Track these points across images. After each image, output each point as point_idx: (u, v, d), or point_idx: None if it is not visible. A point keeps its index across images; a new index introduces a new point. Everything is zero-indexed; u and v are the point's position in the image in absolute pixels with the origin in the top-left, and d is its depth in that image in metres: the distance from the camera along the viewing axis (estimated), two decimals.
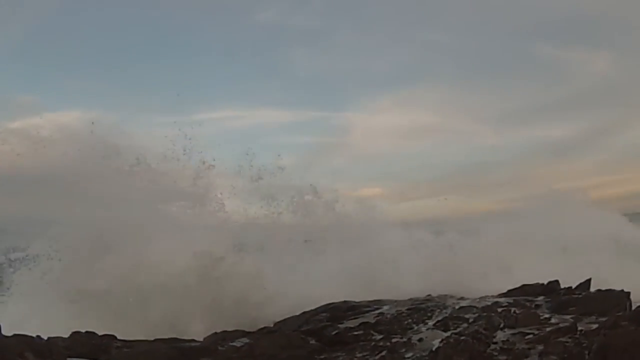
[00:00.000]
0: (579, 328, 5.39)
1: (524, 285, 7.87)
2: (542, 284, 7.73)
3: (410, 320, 6.52)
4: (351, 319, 6.75)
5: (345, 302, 7.62)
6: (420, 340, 5.60)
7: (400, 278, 9.43)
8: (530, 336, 5.34)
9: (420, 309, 7.06)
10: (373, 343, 5.60)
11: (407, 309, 7.10)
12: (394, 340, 5.63)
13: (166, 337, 6.01)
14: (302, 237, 12.26)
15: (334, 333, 6.01)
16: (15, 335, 4.99)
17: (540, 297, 7.27)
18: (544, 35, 65.31)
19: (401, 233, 12.33)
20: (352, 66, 71.36)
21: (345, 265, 10.12)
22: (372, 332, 6.01)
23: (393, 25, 72.06)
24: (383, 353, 5.29)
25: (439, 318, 6.51)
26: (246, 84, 72.95)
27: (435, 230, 13.28)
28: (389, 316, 6.79)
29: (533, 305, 6.90)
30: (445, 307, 7.08)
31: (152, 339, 5.98)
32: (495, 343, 5.26)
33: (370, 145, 77.17)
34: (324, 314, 6.96)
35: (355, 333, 5.97)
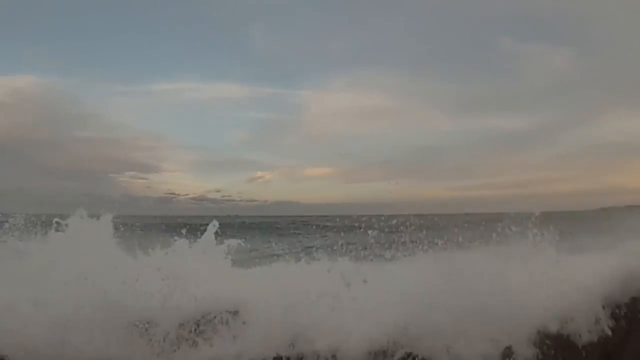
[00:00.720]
0: None
1: None
2: None
3: None
4: None
5: None
6: None
7: None
8: None
9: None
10: None
11: None
12: None
13: None
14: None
15: None
16: None
17: None
18: (505, 28, 65.69)
19: None
20: (310, 44, 70.19)
21: None
22: None
23: (354, 5, 71.35)
24: None
25: None
26: (203, 56, 70.66)
27: None
28: None
29: None
30: None
31: None
32: None
33: (324, 124, 76.97)
34: None
35: None
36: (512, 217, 5.89)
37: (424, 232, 6.20)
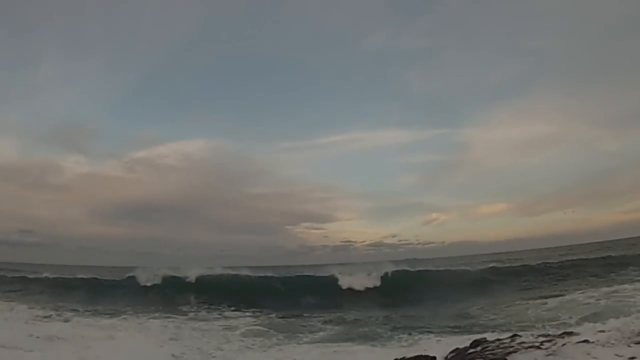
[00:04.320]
0: None
1: None
2: None
3: None
4: None
5: None
6: None
7: None
8: None
9: None
10: None
11: None
12: None
13: None
14: None
15: None
16: None
17: None
18: None
19: None
20: (464, 82, 70.74)
21: None
22: None
23: (499, 36, 70.18)
24: None
25: None
26: (364, 107, 75.24)
27: None
28: None
29: None
30: None
31: None
32: None
33: (490, 159, 74.45)
34: None
35: None
36: None
37: None
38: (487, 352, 7.24)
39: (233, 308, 17.74)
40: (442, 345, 8.76)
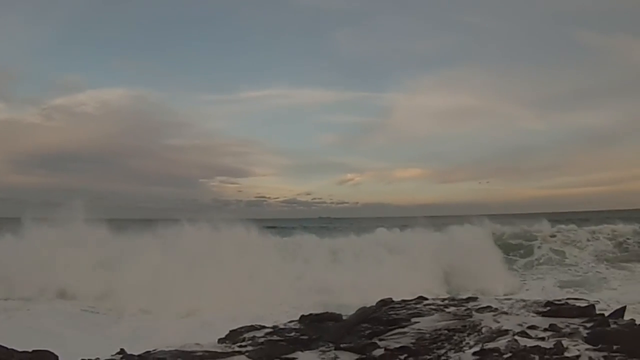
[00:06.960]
0: None
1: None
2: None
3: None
4: None
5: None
6: None
7: None
8: None
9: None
10: None
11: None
12: None
13: None
14: None
15: None
16: None
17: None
18: (587, 22, 63.53)
19: None
20: (394, 47, 70.79)
21: None
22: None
23: (435, 7, 71.09)
24: None
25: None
26: (290, 64, 73.32)
27: None
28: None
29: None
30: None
31: None
32: None
33: (411, 126, 76.45)
34: None
35: None
36: None
37: None
38: (391, 313, 6.98)
39: None
40: None
